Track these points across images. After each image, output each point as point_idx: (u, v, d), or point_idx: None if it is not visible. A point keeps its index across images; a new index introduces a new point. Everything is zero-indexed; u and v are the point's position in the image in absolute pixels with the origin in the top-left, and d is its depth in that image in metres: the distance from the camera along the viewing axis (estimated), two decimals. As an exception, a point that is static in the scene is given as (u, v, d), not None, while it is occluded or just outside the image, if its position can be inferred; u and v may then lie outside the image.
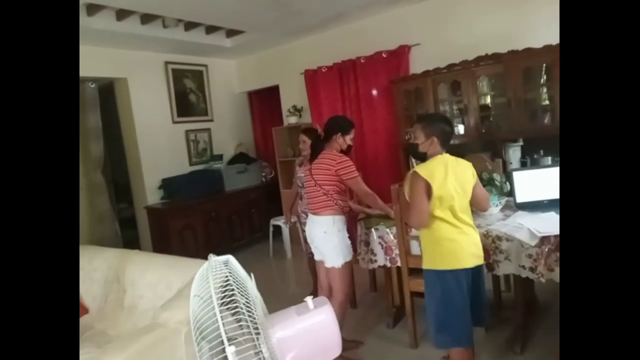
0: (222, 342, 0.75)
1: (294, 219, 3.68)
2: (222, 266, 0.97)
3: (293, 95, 5.40)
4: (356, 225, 2.96)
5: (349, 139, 2.53)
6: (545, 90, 3.60)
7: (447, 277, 1.91)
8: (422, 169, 1.90)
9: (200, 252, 4.42)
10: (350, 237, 2.55)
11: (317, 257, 2.60)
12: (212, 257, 0.94)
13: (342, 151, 2.52)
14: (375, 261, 2.77)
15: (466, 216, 1.97)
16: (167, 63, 5.16)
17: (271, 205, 5.57)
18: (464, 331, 1.94)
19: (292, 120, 5.28)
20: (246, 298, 0.92)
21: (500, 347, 2.54)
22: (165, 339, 1.90)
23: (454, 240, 1.91)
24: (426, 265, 2.01)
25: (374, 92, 4.62)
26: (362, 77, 4.66)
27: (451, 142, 2.06)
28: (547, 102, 3.59)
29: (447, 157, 1.98)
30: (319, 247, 2.50)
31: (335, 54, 4.86)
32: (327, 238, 2.44)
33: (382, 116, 4.57)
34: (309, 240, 2.63)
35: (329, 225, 2.43)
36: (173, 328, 1.92)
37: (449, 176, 1.90)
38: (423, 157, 2.02)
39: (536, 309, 2.92)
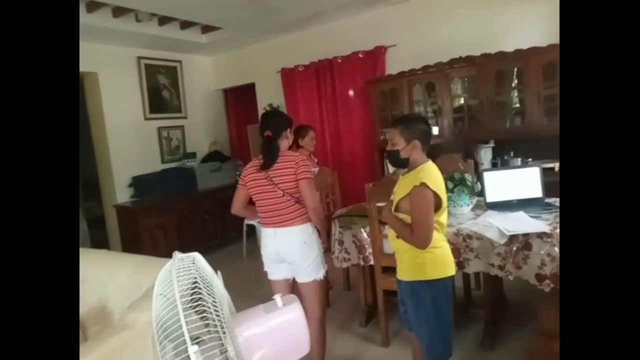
0: (185, 342, 0.73)
1: None
2: (189, 264, 0.95)
3: (269, 93, 5.36)
4: (330, 224, 2.80)
5: (290, 133, 2.26)
6: (516, 93, 3.70)
7: (438, 286, 1.80)
8: (429, 181, 1.72)
9: (172, 252, 4.33)
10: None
11: (281, 276, 2.24)
12: (177, 255, 0.91)
13: (289, 149, 2.29)
14: (349, 260, 2.78)
15: (445, 223, 1.88)
16: (139, 58, 5.04)
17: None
18: (450, 340, 1.88)
19: (268, 118, 5.24)
20: (213, 297, 0.90)
21: (469, 343, 2.59)
22: (132, 341, 1.84)
23: (442, 247, 1.83)
24: (411, 276, 1.84)
25: (351, 92, 4.64)
26: (339, 76, 4.68)
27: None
28: (517, 104, 3.69)
29: (432, 163, 1.85)
30: (297, 261, 2.17)
31: (312, 53, 4.86)
32: (308, 248, 2.15)
33: (358, 116, 4.60)
34: (273, 260, 2.24)
35: (308, 234, 2.16)
36: (141, 329, 1.87)
37: (443, 182, 1.83)
38: (404, 164, 1.86)
39: (505, 306, 2.99)
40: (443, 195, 1.78)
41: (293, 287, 2.27)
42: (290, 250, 2.16)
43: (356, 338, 2.82)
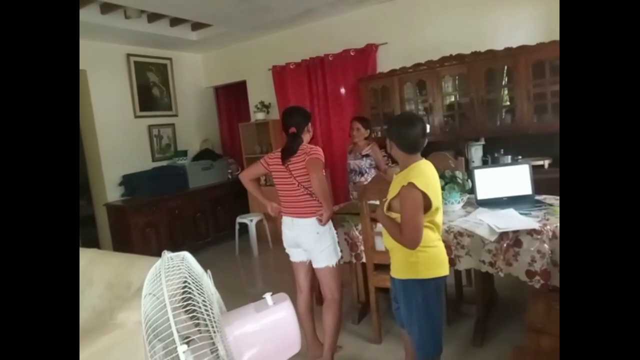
0: (175, 341, 0.73)
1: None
2: (179, 263, 0.94)
3: (261, 91, 5.34)
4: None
5: (310, 127, 2.42)
6: (506, 91, 3.72)
7: (430, 285, 1.81)
8: (419, 182, 1.72)
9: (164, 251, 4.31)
10: None
11: (299, 258, 2.45)
12: (166, 254, 0.91)
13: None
14: (341, 257, 2.78)
15: (441, 223, 1.89)
16: (129, 55, 4.98)
17: (237, 203, 5.49)
18: (441, 337, 1.90)
19: (260, 116, 5.22)
20: (203, 296, 0.89)
21: (461, 339, 2.61)
22: (123, 341, 1.83)
23: (436, 247, 1.83)
24: (404, 274, 1.85)
25: (342, 89, 4.64)
26: (330, 74, 4.67)
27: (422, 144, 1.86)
28: (507, 102, 3.71)
29: (426, 162, 1.86)
30: (310, 249, 2.35)
31: (303, 50, 4.84)
32: (320, 238, 2.32)
33: (349, 114, 4.58)
34: (290, 245, 2.44)
35: (322, 226, 2.31)
36: (131, 329, 1.86)
37: (437, 182, 1.83)
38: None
39: (496, 303, 3.02)
40: (433, 195, 1.76)
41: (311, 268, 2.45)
42: (304, 238, 2.35)
43: (349, 335, 2.82)
